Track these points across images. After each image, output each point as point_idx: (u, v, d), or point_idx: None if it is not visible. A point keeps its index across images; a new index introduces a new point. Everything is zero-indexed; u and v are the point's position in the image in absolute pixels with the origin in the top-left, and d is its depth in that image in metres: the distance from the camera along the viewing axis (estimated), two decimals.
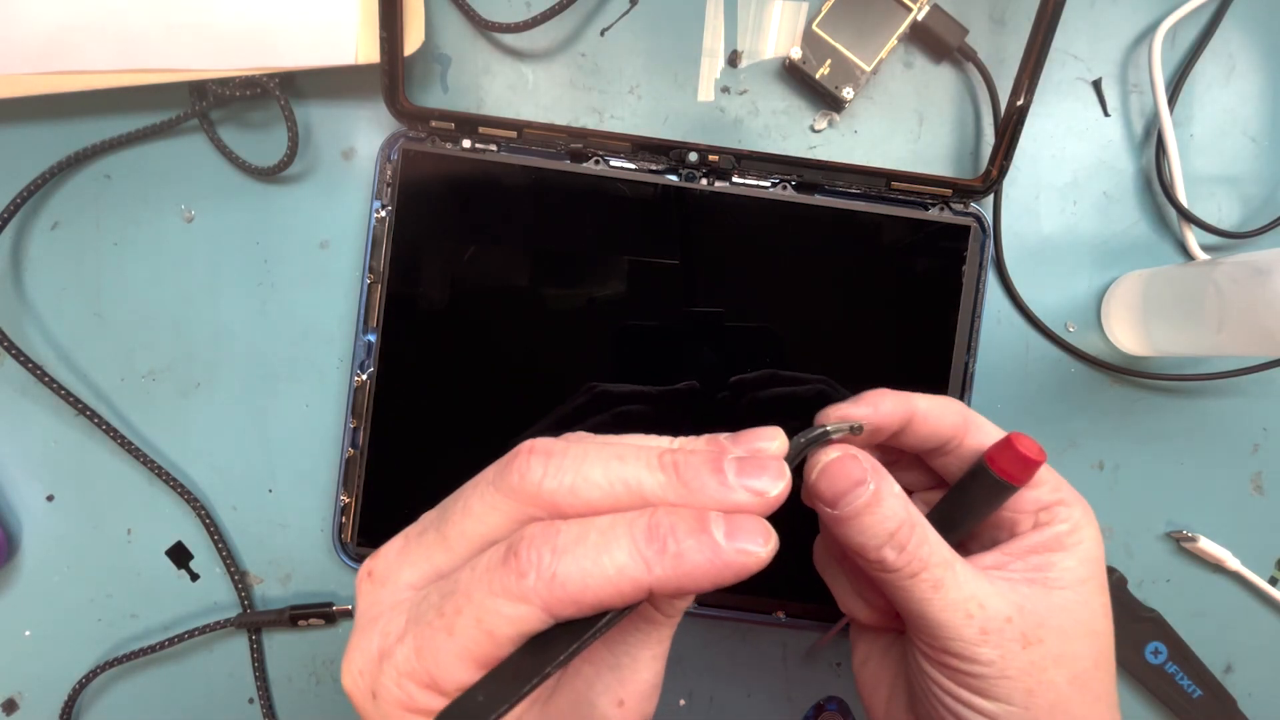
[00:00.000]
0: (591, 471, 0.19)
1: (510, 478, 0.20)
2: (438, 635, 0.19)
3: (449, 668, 0.19)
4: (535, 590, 0.18)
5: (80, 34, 0.35)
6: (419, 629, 0.19)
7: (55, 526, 0.39)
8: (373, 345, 0.37)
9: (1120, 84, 0.40)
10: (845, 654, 0.40)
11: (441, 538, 0.21)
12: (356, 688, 0.20)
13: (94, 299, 0.39)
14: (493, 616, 0.18)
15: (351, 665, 0.20)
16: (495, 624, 0.18)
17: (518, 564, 0.18)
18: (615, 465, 0.20)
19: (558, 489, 0.19)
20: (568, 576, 0.18)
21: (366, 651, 0.20)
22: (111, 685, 0.39)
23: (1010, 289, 0.39)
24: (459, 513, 0.21)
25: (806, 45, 0.38)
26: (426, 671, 0.19)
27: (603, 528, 0.19)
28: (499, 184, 0.37)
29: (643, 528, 0.19)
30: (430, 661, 0.19)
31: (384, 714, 0.19)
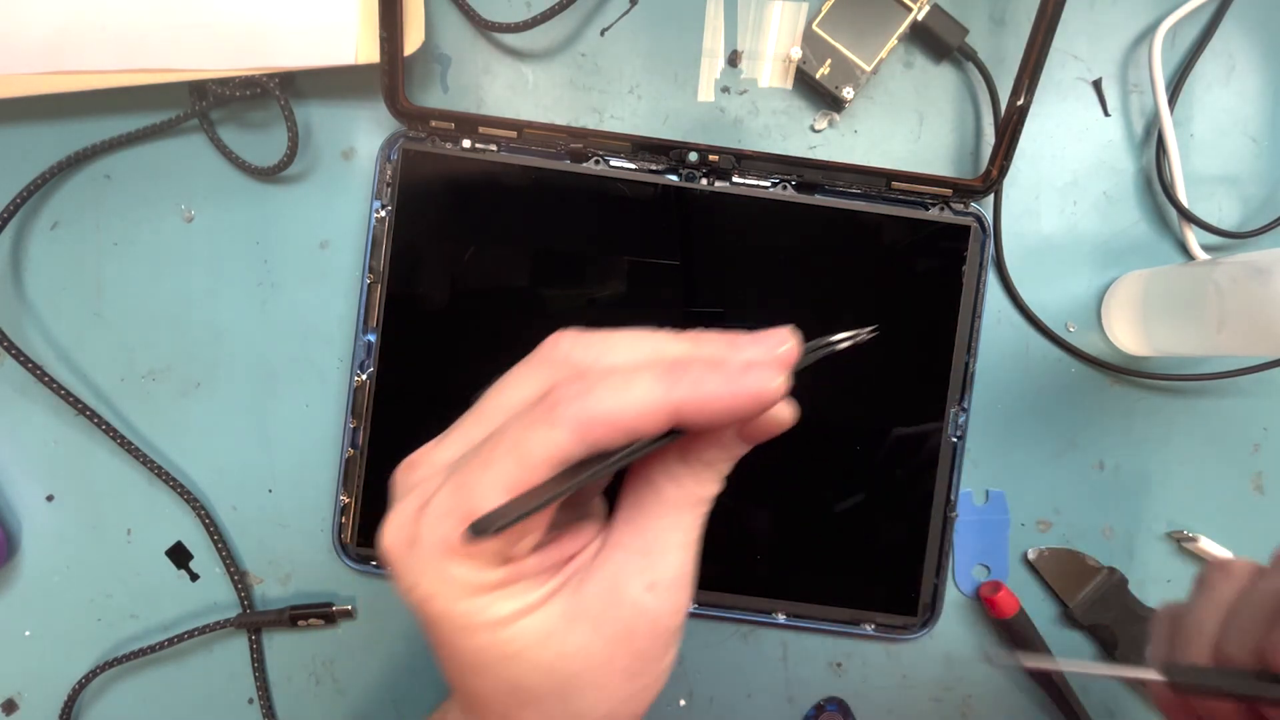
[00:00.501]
0: (618, 343, 0.21)
1: (541, 352, 0.22)
2: (474, 471, 0.20)
3: (486, 497, 0.19)
4: (567, 415, 0.19)
5: (81, 34, 0.35)
6: (456, 473, 0.20)
7: (55, 526, 0.39)
8: (373, 345, 0.37)
9: (1120, 84, 0.40)
10: (845, 654, 0.40)
11: (477, 414, 0.23)
12: (395, 541, 0.21)
13: (94, 299, 0.39)
14: (527, 443, 0.19)
15: (389, 527, 0.21)
16: (530, 449, 0.19)
17: (551, 398, 0.20)
18: (640, 338, 0.21)
19: (586, 356, 0.21)
20: (598, 400, 0.19)
21: (404, 512, 0.21)
22: (111, 685, 0.39)
23: (1010, 289, 0.39)
24: (492, 391, 0.23)
25: (806, 45, 0.38)
26: (464, 505, 0.20)
27: (630, 366, 0.20)
28: (499, 184, 0.37)
29: (666, 363, 0.20)
30: (467, 494, 0.20)
31: (423, 560, 0.20)
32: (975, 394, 0.38)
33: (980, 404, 0.39)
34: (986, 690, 0.40)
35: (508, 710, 0.22)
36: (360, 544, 0.38)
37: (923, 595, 0.38)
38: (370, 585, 0.39)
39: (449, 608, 0.20)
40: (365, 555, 0.38)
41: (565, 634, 0.21)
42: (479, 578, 0.20)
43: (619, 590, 0.21)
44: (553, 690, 0.21)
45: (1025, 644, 0.39)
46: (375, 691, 0.39)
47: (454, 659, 0.21)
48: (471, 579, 0.20)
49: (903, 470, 0.38)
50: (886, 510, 0.38)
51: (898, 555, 0.38)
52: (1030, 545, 0.39)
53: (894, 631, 0.39)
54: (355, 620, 0.39)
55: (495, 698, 0.22)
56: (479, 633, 0.21)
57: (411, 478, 0.22)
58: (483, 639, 0.21)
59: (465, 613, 0.21)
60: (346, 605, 0.39)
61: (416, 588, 0.21)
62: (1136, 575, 0.40)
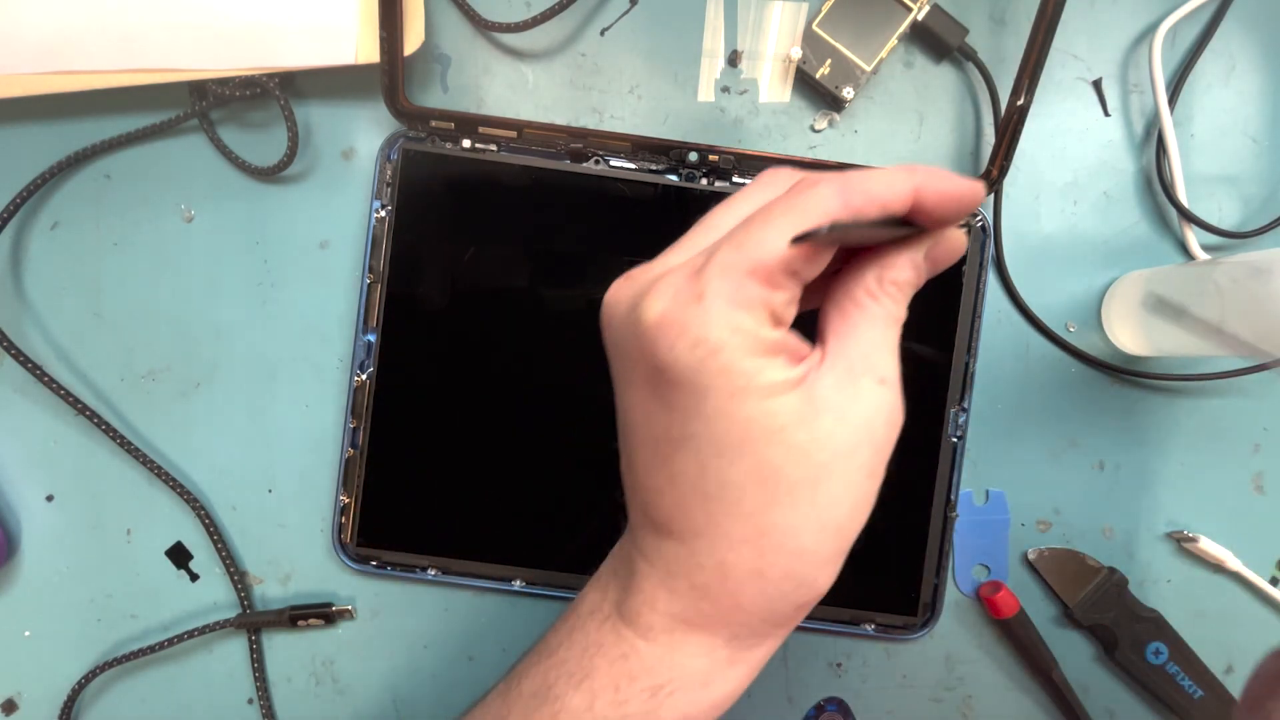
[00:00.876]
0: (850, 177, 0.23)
1: (761, 179, 0.24)
2: (755, 228, 0.21)
3: (773, 245, 0.21)
4: (833, 183, 0.21)
5: (80, 34, 0.35)
6: (733, 238, 0.22)
7: (55, 526, 0.39)
8: (372, 345, 0.37)
9: (1120, 84, 0.40)
10: (845, 654, 0.40)
11: (702, 229, 0.24)
12: (675, 303, 0.21)
13: (94, 299, 0.39)
14: (803, 203, 0.21)
15: (656, 298, 0.22)
16: (807, 207, 0.21)
17: (811, 178, 0.22)
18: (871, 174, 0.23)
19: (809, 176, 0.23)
20: (858, 176, 0.22)
21: (669, 287, 0.22)
22: (111, 685, 0.39)
23: (1010, 289, 0.39)
24: (713, 213, 0.24)
25: (806, 45, 0.38)
26: (750, 258, 0.21)
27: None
28: (499, 184, 0.37)
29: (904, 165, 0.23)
30: (753, 247, 0.21)
31: (713, 311, 0.21)
32: (975, 394, 0.38)
33: (980, 404, 0.39)
34: (986, 690, 0.40)
35: (756, 509, 0.22)
36: (360, 544, 0.38)
37: (923, 595, 0.38)
38: (370, 585, 0.39)
39: (734, 362, 0.21)
40: (365, 555, 0.38)
41: (816, 419, 0.22)
42: (762, 333, 0.21)
43: (855, 383, 0.22)
44: (805, 479, 0.22)
45: (1025, 644, 0.39)
46: (375, 691, 0.40)
47: (717, 438, 0.22)
48: (757, 332, 0.21)
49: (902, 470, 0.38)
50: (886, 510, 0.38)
51: (898, 555, 0.38)
52: (1030, 545, 0.39)
53: (894, 631, 0.39)
54: (355, 620, 0.39)
55: (745, 492, 0.22)
56: (751, 398, 0.21)
57: (644, 280, 0.23)
58: (753, 408, 0.21)
59: (746, 371, 0.21)
60: (346, 605, 0.39)
61: (706, 340, 0.21)
62: (1136, 575, 0.40)
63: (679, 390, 0.22)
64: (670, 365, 0.21)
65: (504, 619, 0.39)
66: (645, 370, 0.22)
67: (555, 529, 0.38)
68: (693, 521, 0.23)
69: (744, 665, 0.25)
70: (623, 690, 0.24)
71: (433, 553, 0.38)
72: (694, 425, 0.22)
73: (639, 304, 0.22)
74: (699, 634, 0.24)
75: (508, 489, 0.38)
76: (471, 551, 0.38)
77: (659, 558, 0.24)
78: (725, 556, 0.23)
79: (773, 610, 0.23)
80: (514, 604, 0.39)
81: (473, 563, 0.38)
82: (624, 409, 0.24)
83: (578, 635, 0.26)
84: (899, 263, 0.23)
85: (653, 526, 0.24)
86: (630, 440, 0.24)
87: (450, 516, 0.38)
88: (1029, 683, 0.40)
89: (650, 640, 0.24)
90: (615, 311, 0.24)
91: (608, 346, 0.24)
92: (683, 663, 0.24)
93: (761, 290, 0.21)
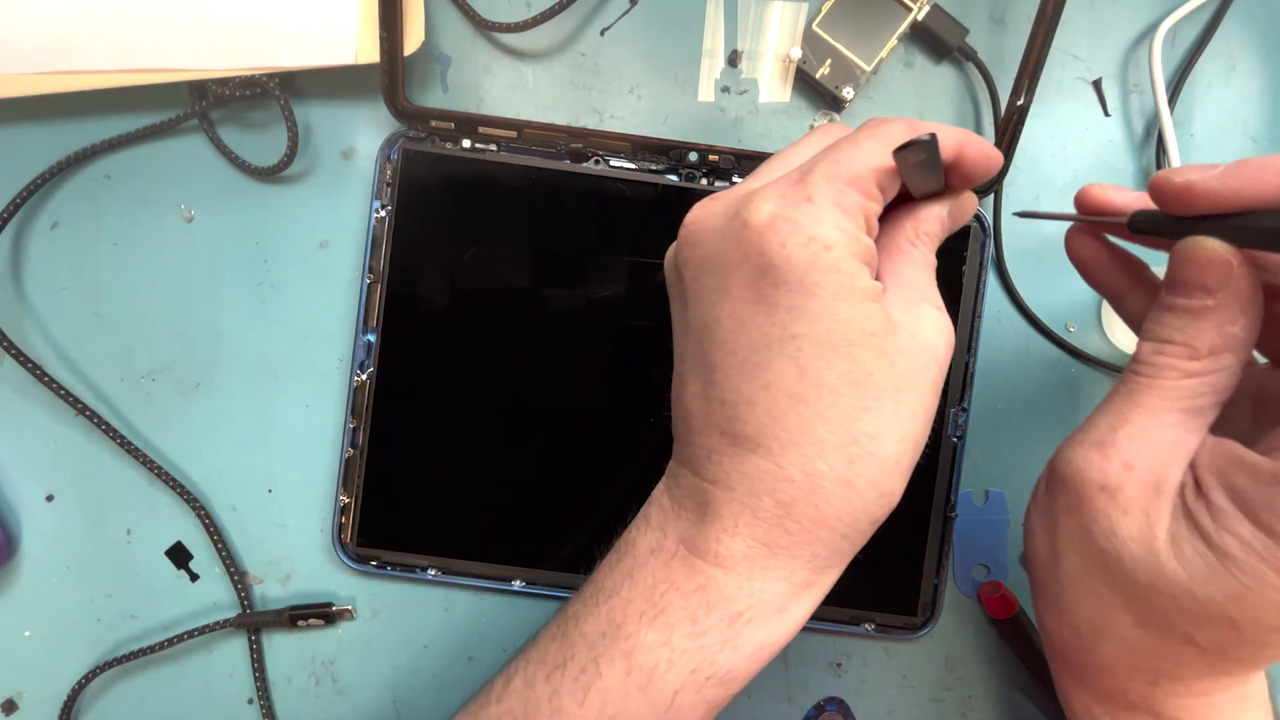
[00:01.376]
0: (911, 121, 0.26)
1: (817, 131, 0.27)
2: (847, 148, 0.24)
3: (864, 159, 0.24)
4: (902, 122, 0.25)
5: (80, 34, 0.35)
6: (825, 153, 0.24)
7: (55, 526, 0.39)
8: (372, 345, 0.37)
9: (1120, 84, 0.40)
10: (845, 654, 0.40)
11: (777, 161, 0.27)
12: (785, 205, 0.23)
13: (94, 299, 0.39)
14: (884, 130, 0.24)
15: (767, 201, 0.24)
16: (888, 133, 0.24)
17: (876, 119, 0.25)
18: None
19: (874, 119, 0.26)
20: (920, 123, 0.25)
21: (775, 192, 0.24)
22: (111, 685, 0.39)
23: (1010, 289, 0.39)
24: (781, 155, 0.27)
25: (806, 45, 0.38)
26: (846, 171, 0.23)
27: None
28: (499, 184, 0.37)
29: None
30: (848, 160, 0.24)
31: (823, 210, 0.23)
32: (975, 394, 0.38)
33: (980, 404, 0.39)
34: (986, 690, 0.40)
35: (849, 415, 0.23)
36: (360, 544, 0.38)
37: (923, 595, 0.38)
38: (370, 585, 0.39)
39: (841, 261, 0.23)
40: (365, 555, 0.38)
41: (896, 332, 0.24)
42: (863, 239, 0.24)
43: (918, 308, 0.25)
44: (890, 387, 0.23)
45: (1025, 644, 0.39)
46: (375, 691, 0.40)
47: (819, 338, 0.23)
48: (859, 236, 0.23)
49: None
50: None
51: (898, 555, 0.38)
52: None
53: (894, 631, 0.39)
54: (355, 620, 0.39)
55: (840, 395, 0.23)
56: (853, 299, 0.23)
57: (738, 194, 0.25)
58: (854, 309, 0.23)
59: (851, 272, 0.23)
60: (346, 605, 0.39)
61: (819, 237, 0.23)
62: None
63: (785, 289, 0.23)
64: (783, 262, 0.23)
65: (504, 619, 0.39)
66: (749, 273, 0.23)
67: (555, 529, 0.38)
68: (786, 428, 0.23)
69: (816, 590, 0.26)
70: (700, 622, 0.25)
71: (433, 553, 0.38)
72: (799, 325, 0.23)
73: (742, 210, 0.24)
74: (780, 556, 0.25)
75: (508, 489, 0.38)
76: (471, 551, 0.38)
77: (741, 478, 0.24)
78: (816, 465, 0.23)
79: (855, 523, 0.24)
80: (514, 604, 0.39)
81: (473, 563, 0.38)
82: (710, 323, 0.25)
83: (642, 575, 0.26)
84: (930, 216, 0.26)
85: (734, 444, 0.24)
86: (715, 354, 0.25)
87: (450, 516, 0.38)
88: (1029, 682, 0.40)
89: (728, 569, 0.25)
90: (707, 224, 0.25)
91: (691, 264, 0.25)
92: (761, 589, 0.25)
93: (861, 199, 0.23)
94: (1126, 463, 0.23)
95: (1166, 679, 0.24)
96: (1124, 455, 0.23)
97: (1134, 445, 0.23)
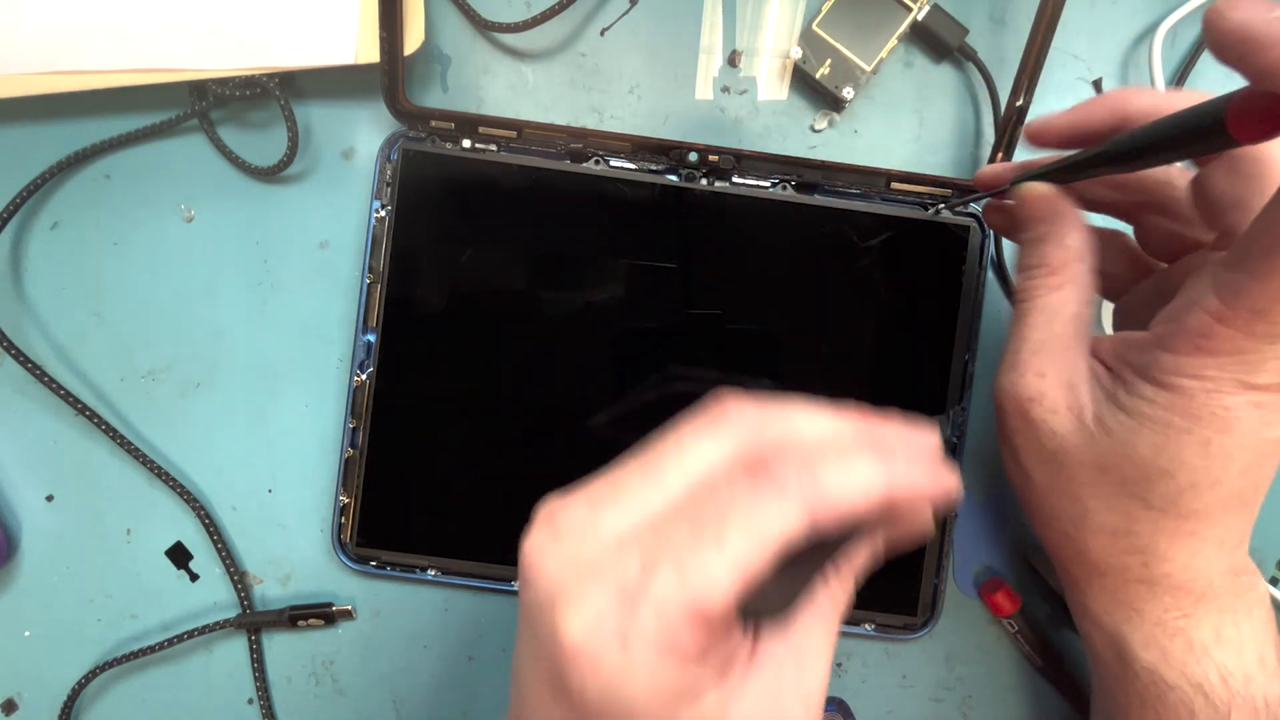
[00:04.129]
0: (801, 418, 0.21)
1: (720, 419, 0.21)
2: (706, 551, 0.19)
3: (720, 584, 0.18)
4: (801, 495, 0.19)
5: (81, 34, 0.35)
6: (677, 555, 0.19)
7: (55, 526, 0.39)
8: (372, 345, 0.37)
9: (1121, 84, 0.40)
10: (845, 654, 0.40)
11: (651, 478, 0.21)
12: (597, 640, 0.19)
13: (94, 299, 0.39)
14: (762, 521, 0.19)
15: (577, 619, 0.19)
16: (766, 527, 0.19)
17: (776, 474, 0.19)
18: (819, 415, 0.22)
19: (778, 428, 0.21)
20: (826, 481, 0.19)
21: (597, 604, 0.19)
22: (111, 685, 0.39)
23: (1010, 289, 0.39)
24: (672, 454, 0.21)
25: (806, 45, 0.38)
26: (693, 596, 0.18)
27: (839, 446, 0.21)
28: (499, 184, 0.37)
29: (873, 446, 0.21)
30: (699, 581, 0.18)
31: (637, 663, 0.19)
32: (975, 394, 0.38)
33: (980, 404, 0.39)
34: (986, 690, 0.40)
35: None
36: (359, 544, 0.38)
37: (923, 595, 0.38)
38: (370, 585, 0.39)
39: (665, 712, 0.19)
40: (365, 555, 0.38)
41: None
42: (686, 680, 0.19)
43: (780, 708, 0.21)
44: None
45: (1027, 642, 0.39)
46: (375, 691, 0.40)
47: None
48: (680, 684, 0.19)
49: None
50: None
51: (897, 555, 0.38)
52: (1030, 545, 0.39)
53: (894, 631, 0.39)
54: (355, 620, 0.39)
55: None
56: None
57: (576, 552, 0.20)
58: None
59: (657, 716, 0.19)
60: (346, 605, 0.39)
61: (621, 695, 0.19)
62: None
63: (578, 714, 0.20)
64: (577, 693, 0.19)
65: (504, 619, 0.39)
66: (547, 670, 0.20)
67: None
68: None
69: None
70: None
71: (433, 553, 0.38)
72: None
73: (559, 603, 0.19)
74: None
75: (508, 489, 0.38)
76: (471, 551, 0.38)
77: None
78: None
79: None
80: (514, 604, 0.39)
81: (473, 563, 0.38)
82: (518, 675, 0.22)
83: None
84: (859, 552, 0.23)
85: None
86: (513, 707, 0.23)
87: (450, 516, 0.38)
88: (1029, 682, 0.40)
89: None
90: (535, 579, 0.21)
91: (522, 601, 0.22)
92: None
93: (698, 640, 0.19)
94: (1038, 373, 0.28)
95: (1154, 558, 0.27)
96: (1034, 368, 0.28)
97: (1039, 358, 0.28)
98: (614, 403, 0.37)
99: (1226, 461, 0.25)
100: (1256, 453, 0.25)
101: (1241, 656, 0.28)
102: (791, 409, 0.22)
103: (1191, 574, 0.28)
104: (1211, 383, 0.24)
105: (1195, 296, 0.24)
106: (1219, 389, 0.24)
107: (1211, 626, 0.28)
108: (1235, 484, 0.26)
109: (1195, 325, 0.23)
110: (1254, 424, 0.24)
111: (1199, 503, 0.26)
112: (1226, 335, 0.23)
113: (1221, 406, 0.24)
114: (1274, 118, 0.19)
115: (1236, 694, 0.28)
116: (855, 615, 0.38)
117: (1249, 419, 0.24)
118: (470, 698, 0.40)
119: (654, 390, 0.37)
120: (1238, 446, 0.25)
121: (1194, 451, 0.25)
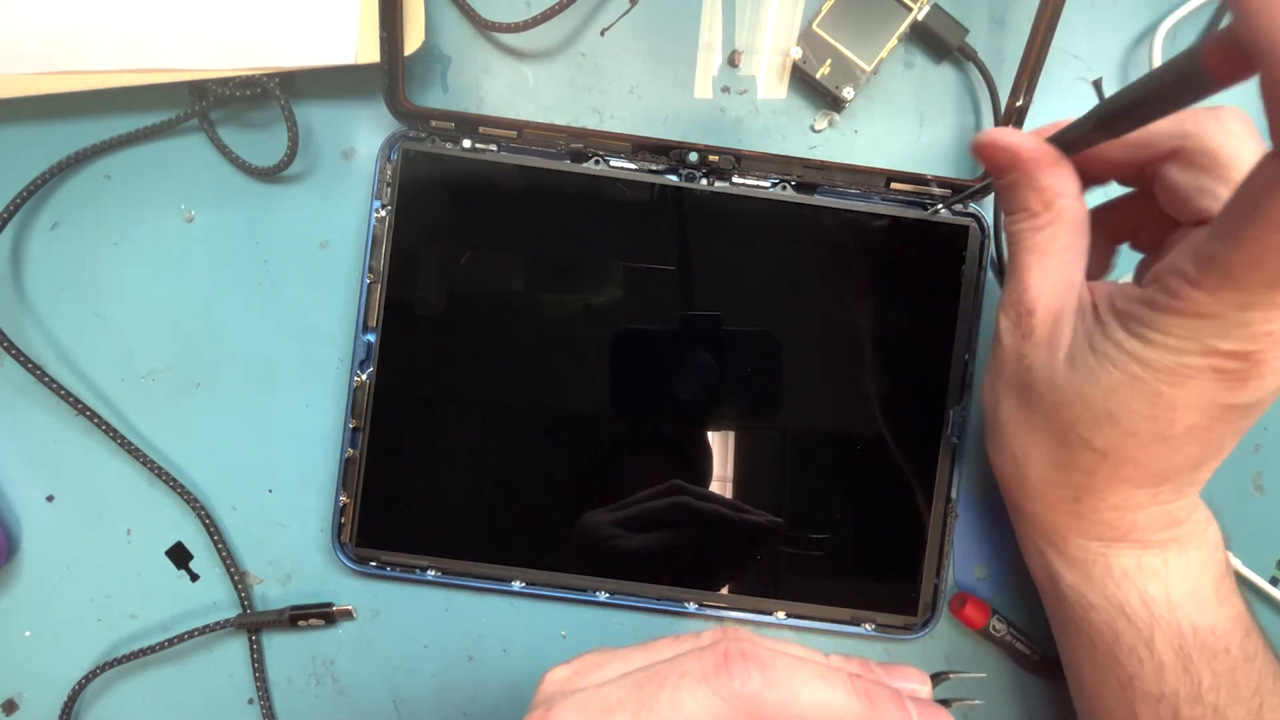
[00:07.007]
0: (801, 689, 0.22)
1: (730, 683, 0.22)
2: None
3: None
4: None
5: (81, 34, 0.35)
6: None
7: (55, 526, 0.39)
8: (372, 345, 0.37)
9: (1120, 84, 0.40)
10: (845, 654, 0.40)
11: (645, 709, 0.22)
12: None
13: (94, 299, 0.39)
14: None
15: None
16: None
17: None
18: (820, 686, 0.23)
19: (773, 700, 0.22)
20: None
21: None
22: (111, 685, 0.39)
23: None
24: (667, 705, 0.22)
25: (806, 45, 0.38)
26: None
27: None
28: (499, 184, 0.37)
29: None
30: None
31: None
32: (975, 394, 0.38)
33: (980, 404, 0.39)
34: (987, 690, 0.40)
35: None
36: (359, 544, 0.38)
37: (923, 595, 0.38)
38: (370, 585, 0.39)
39: None
40: (365, 556, 0.38)
41: None
42: None
43: None
44: None
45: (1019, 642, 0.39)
46: (375, 691, 0.40)
47: None
48: None
49: (902, 470, 0.38)
50: (886, 510, 0.38)
51: (897, 555, 0.38)
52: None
53: (894, 631, 0.39)
54: (355, 620, 0.39)
55: None
56: None
57: None
58: None
59: None
60: (346, 605, 0.39)
61: None
62: None
63: None
64: None
65: (504, 619, 0.39)
66: None
67: (555, 529, 0.38)
68: None
69: None
70: None
71: (433, 553, 0.38)
72: None
73: None
74: None
75: (508, 489, 0.38)
76: (471, 551, 0.38)
77: None
78: None
79: None
80: (514, 604, 0.39)
81: (473, 563, 0.38)
82: None
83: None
84: None
85: None
86: None
87: (450, 516, 0.38)
88: (1029, 682, 0.40)
89: None
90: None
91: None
92: None
93: None
94: (1029, 309, 0.29)
95: (1086, 494, 0.29)
96: (1025, 303, 0.29)
97: (1030, 294, 0.29)
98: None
99: (1173, 415, 0.26)
100: (1208, 416, 0.26)
101: (1166, 586, 0.30)
102: (798, 672, 0.23)
103: (1118, 514, 0.29)
104: (1175, 339, 0.25)
105: (1176, 259, 0.25)
106: (1182, 348, 0.25)
107: (1133, 556, 0.30)
108: (1181, 441, 0.27)
109: (1170, 286, 0.24)
110: (1210, 387, 0.25)
111: (1140, 451, 0.27)
112: (1196, 299, 0.24)
113: (1180, 364, 0.25)
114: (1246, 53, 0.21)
115: (1160, 618, 0.29)
116: (855, 615, 0.38)
117: (1205, 381, 0.25)
118: (470, 698, 0.40)
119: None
120: (1187, 404, 0.25)
121: (1143, 401, 0.26)
